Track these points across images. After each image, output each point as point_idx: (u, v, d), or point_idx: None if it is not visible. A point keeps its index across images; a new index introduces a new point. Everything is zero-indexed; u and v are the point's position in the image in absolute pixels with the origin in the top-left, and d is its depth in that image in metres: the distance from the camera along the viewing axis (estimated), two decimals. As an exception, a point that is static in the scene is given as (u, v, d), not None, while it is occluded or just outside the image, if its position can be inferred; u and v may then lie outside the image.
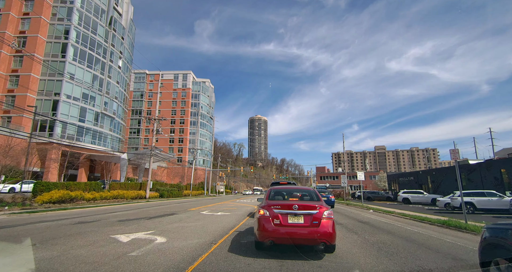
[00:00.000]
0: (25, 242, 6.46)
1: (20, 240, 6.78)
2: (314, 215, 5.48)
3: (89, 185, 24.83)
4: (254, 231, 5.84)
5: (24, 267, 4.30)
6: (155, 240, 6.93)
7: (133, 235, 7.66)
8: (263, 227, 5.46)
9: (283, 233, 5.32)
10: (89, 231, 8.22)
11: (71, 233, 7.91)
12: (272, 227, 5.41)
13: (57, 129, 36.92)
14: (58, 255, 5.30)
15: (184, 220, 11.59)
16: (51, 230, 8.44)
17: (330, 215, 5.57)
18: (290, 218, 5.51)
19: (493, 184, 25.01)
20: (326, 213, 5.53)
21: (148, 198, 31.45)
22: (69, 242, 6.50)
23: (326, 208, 5.67)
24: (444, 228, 10.79)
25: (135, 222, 10.68)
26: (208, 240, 7.13)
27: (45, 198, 18.90)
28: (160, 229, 8.82)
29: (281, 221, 5.48)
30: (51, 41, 38.75)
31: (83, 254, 5.43)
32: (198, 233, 8.30)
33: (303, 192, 7.08)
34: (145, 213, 14.51)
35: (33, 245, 6.10)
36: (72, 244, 6.28)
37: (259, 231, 5.49)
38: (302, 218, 5.49)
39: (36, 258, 4.98)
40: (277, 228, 5.39)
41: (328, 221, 5.46)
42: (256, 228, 5.70)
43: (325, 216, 5.49)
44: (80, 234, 7.72)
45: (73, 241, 6.63)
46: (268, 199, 6.56)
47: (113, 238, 7.11)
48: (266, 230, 5.41)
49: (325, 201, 7.04)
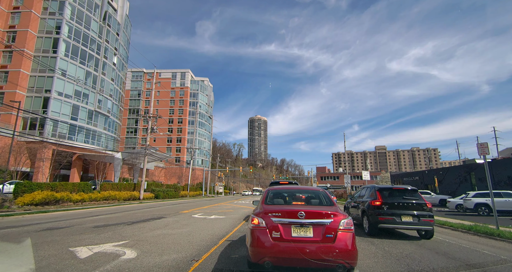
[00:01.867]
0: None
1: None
2: (327, 225, 4.07)
3: (77, 185, 23.34)
4: (247, 246, 4.37)
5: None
6: (121, 255, 5.47)
7: (98, 247, 6.19)
8: (258, 242, 4.03)
9: (285, 250, 3.89)
10: (48, 241, 6.76)
11: (25, 244, 6.44)
12: (270, 243, 3.97)
13: (48, 127, 35.42)
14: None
15: (170, 226, 10.11)
16: (2, 240, 6.97)
17: (349, 226, 4.13)
18: (295, 230, 4.08)
19: (507, 184, 23.57)
20: (343, 223, 4.10)
21: (142, 199, 29.97)
22: (7, 260, 5.02)
23: (343, 215, 4.23)
24: (471, 234, 9.31)
25: (112, 228, 9.21)
26: (189, 255, 5.66)
27: (26, 200, 17.46)
28: (136, 239, 7.34)
29: (282, 234, 4.04)
30: (42, 36, 37.23)
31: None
32: (180, 244, 6.82)
33: (310, 193, 5.53)
34: (130, 217, 13.04)
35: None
36: (10, 262, 4.82)
37: (253, 248, 4.05)
38: (311, 230, 4.08)
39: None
40: (276, 244, 3.96)
41: (346, 234, 4.04)
42: (248, 242, 4.24)
43: (343, 227, 4.07)
44: (34, 245, 6.25)
45: (14, 258, 5.16)
46: (265, 203, 5.05)
47: (70, 252, 5.65)
48: (261, 246, 3.98)
49: None
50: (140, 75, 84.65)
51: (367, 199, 9.55)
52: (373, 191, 9.32)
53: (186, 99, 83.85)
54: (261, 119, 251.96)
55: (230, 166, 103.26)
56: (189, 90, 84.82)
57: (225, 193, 74.70)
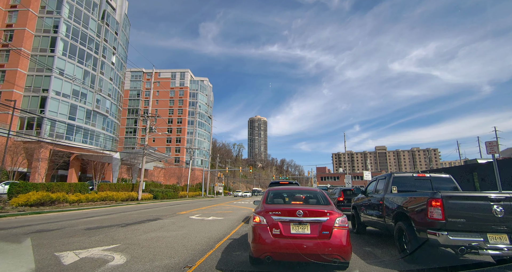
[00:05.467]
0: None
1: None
2: (323, 223, 4.42)
3: (74, 186, 22.95)
4: (249, 243, 4.69)
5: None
6: (109, 261, 5.08)
7: (86, 252, 5.80)
8: (259, 238, 4.37)
9: (284, 246, 4.24)
10: (34, 245, 6.37)
11: (7, 249, 6.06)
12: (271, 239, 4.32)
13: (46, 127, 35.05)
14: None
15: (166, 228, 9.73)
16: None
17: (344, 223, 4.47)
18: (293, 227, 4.44)
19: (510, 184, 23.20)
20: (338, 221, 4.45)
21: (140, 200, 29.56)
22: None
23: (338, 214, 4.59)
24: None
25: (105, 230, 8.82)
26: (182, 260, 5.27)
27: (20, 200, 17.07)
28: (128, 242, 6.96)
29: (281, 231, 4.40)
30: (40, 35, 36.87)
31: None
32: (174, 248, 6.43)
33: (308, 193, 5.91)
34: (125, 218, 12.65)
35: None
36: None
37: (254, 244, 4.41)
38: (308, 227, 4.42)
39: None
40: (276, 240, 4.30)
41: (341, 231, 4.38)
42: (250, 239, 4.62)
43: (338, 225, 4.41)
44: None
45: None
46: (266, 202, 5.45)
47: (55, 258, 5.26)
48: (262, 242, 4.32)
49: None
50: (140, 75, 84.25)
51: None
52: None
53: (185, 99, 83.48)
54: (261, 119, 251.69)
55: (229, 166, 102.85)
56: (188, 90, 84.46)
57: (224, 193, 74.26)
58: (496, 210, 4.68)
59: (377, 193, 7.74)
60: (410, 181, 7.26)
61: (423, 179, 7.18)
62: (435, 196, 4.94)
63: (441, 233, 4.70)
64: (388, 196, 6.90)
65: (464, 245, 4.55)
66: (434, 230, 4.83)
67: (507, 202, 4.73)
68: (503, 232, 4.63)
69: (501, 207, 4.70)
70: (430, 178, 7.18)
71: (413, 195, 5.82)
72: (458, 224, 4.75)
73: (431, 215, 4.90)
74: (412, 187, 7.09)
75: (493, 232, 4.66)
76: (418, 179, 7.22)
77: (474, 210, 4.76)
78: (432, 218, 4.87)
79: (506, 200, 4.74)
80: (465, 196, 4.94)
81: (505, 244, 4.55)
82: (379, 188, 7.81)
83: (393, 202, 6.53)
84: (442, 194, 4.93)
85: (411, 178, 7.30)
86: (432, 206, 4.90)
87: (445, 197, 4.89)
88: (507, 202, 4.73)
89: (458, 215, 4.76)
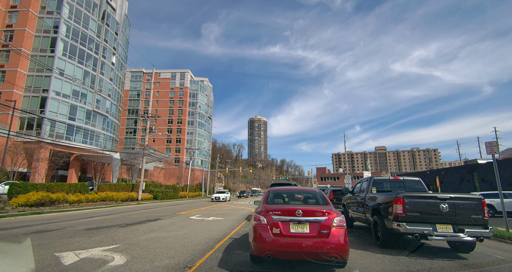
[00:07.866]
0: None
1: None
2: (322, 222, 4.51)
3: (74, 186, 22.95)
4: (250, 241, 4.79)
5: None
6: (109, 262, 5.08)
7: (86, 252, 5.80)
8: (260, 237, 4.48)
9: (284, 245, 4.33)
10: (34, 245, 6.37)
11: (7, 249, 6.06)
12: (271, 238, 4.42)
13: (46, 127, 35.04)
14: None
15: (166, 228, 9.72)
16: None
17: (342, 223, 4.57)
18: (293, 227, 4.54)
19: (510, 184, 23.20)
20: (336, 220, 4.55)
21: (140, 200, 29.56)
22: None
23: (336, 213, 4.70)
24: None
25: (105, 231, 8.82)
26: (182, 261, 5.27)
27: (20, 201, 17.09)
28: (128, 242, 6.95)
29: (281, 230, 4.50)
30: (40, 36, 36.85)
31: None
32: (174, 248, 6.43)
33: (307, 193, 6.07)
34: (125, 219, 12.64)
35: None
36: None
37: (255, 243, 4.52)
38: (307, 226, 4.53)
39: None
40: (276, 239, 4.40)
41: (339, 230, 4.48)
42: (251, 238, 4.74)
43: (336, 224, 4.51)
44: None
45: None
46: (266, 202, 5.58)
47: (55, 258, 5.26)
48: (263, 241, 4.43)
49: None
50: (140, 76, 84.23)
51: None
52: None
53: (185, 100, 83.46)
54: (261, 120, 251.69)
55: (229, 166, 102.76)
56: (188, 90, 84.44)
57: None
58: (442, 207, 6.01)
59: (361, 193, 9.01)
60: (387, 183, 8.60)
61: (398, 181, 8.50)
62: (398, 196, 6.27)
63: (402, 224, 6.04)
64: (368, 195, 8.19)
65: (419, 232, 5.89)
66: (397, 222, 6.14)
67: (451, 200, 6.07)
68: (448, 223, 5.99)
69: (447, 204, 6.03)
70: (403, 181, 8.51)
71: (385, 195, 7.06)
72: (414, 217, 6.09)
73: (395, 210, 6.24)
74: (389, 188, 8.42)
75: (440, 222, 6.00)
76: (393, 181, 8.53)
77: (426, 207, 6.11)
78: (396, 213, 6.21)
79: (450, 199, 6.07)
80: (420, 196, 6.27)
81: (449, 232, 5.90)
82: (363, 188, 9.11)
83: (371, 200, 7.87)
84: (403, 194, 6.26)
85: (388, 180, 8.60)
86: (396, 203, 6.23)
87: (405, 197, 6.22)
88: (451, 200, 6.07)
89: (414, 210, 6.09)
